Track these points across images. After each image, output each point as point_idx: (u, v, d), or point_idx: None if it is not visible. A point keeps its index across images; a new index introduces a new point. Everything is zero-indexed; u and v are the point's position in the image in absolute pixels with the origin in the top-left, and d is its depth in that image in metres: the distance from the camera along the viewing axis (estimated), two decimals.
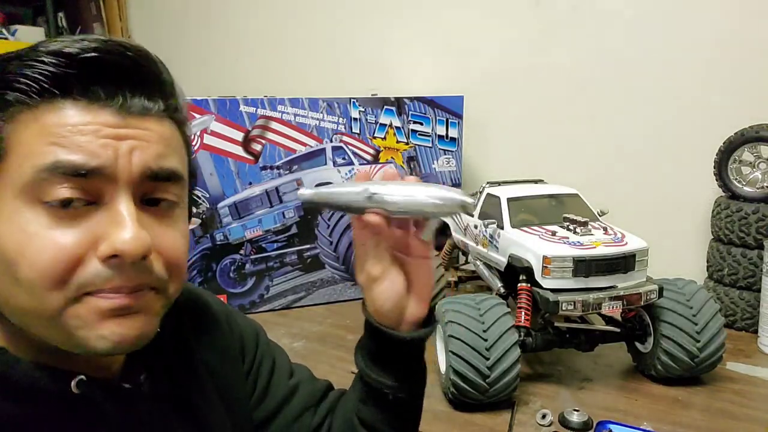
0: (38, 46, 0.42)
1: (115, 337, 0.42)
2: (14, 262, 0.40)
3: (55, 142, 0.40)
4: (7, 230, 0.41)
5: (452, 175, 1.67)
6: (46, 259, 0.40)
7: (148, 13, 2.62)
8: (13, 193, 0.41)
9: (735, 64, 1.41)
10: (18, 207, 0.40)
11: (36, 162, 0.40)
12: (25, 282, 0.40)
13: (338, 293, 1.57)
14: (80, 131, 0.41)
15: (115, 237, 0.41)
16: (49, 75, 0.40)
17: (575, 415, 0.93)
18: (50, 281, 0.40)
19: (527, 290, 1.06)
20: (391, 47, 1.94)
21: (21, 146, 0.41)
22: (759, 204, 1.29)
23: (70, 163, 0.40)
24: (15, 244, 0.40)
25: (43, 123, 0.41)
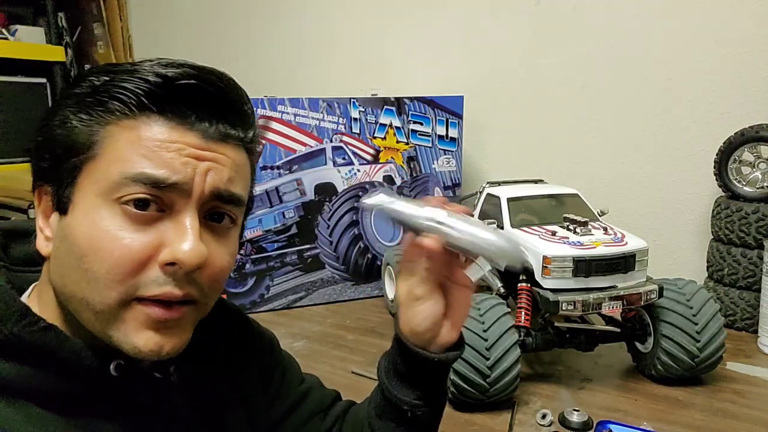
0: (143, 63, 0.46)
1: (150, 347, 0.46)
2: (84, 254, 0.44)
3: (144, 155, 0.45)
4: (82, 223, 0.45)
5: (452, 175, 1.67)
6: (116, 257, 0.44)
7: (148, 13, 2.62)
8: (95, 191, 0.45)
9: (735, 64, 1.41)
10: (97, 204, 0.45)
11: (124, 168, 0.44)
12: (90, 273, 0.45)
13: (338, 293, 1.57)
14: (167, 147, 0.45)
15: (177, 246, 0.45)
16: (148, 93, 0.45)
17: (575, 415, 0.93)
18: (114, 278, 0.45)
19: (527, 290, 1.06)
20: (391, 47, 1.94)
21: (113, 151, 0.45)
22: (759, 204, 1.29)
23: (154, 176, 0.45)
24: (88, 238, 0.45)
25: (137, 134, 0.45)
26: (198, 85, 0.47)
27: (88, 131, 0.45)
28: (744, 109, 1.40)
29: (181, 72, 0.46)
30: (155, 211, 0.46)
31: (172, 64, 0.47)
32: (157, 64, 0.46)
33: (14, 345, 0.44)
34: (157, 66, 0.46)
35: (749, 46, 1.39)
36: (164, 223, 0.46)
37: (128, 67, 0.47)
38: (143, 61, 0.47)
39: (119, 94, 0.45)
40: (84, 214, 0.45)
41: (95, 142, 0.45)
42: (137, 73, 0.46)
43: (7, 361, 0.43)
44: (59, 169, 0.46)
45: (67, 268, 0.46)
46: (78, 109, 0.46)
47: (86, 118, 0.46)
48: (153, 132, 0.45)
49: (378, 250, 1.59)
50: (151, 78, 0.45)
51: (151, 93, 0.45)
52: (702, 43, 1.44)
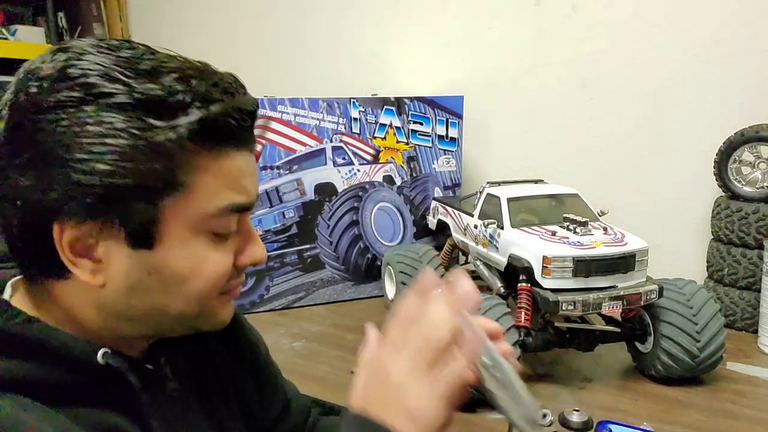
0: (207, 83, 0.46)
1: (226, 317, 0.54)
2: (187, 280, 0.48)
3: (229, 185, 0.48)
4: (180, 255, 0.48)
5: (452, 175, 1.67)
6: (219, 276, 0.50)
7: (148, 13, 2.62)
8: (186, 224, 0.47)
9: (735, 64, 1.41)
10: (189, 236, 0.48)
11: (218, 203, 0.47)
12: (193, 294, 0.49)
13: (338, 293, 1.57)
14: (243, 174, 0.49)
15: (253, 251, 0.52)
16: (233, 130, 0.47)
17: (575, 415, 0.93)
18: (216, 290, 0.50)
19: (527, 290, 1.06)
20: (391, 47, 1.94)
21: (201, 185, 0.47)
22: (759, 204, 1.29)
23: (242, 204, 0.49)
24: (189, 267, 0.48)
25: (219, 166, 0.47)
26: (255, 111, 0.50)
27: (166, 166, 0.44)
28: (744, 109, 1.40)
29: (248, 102, 0.48)
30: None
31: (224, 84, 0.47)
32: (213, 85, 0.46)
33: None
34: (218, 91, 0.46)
35: (749, 46, 1.39)
36: (234, 233, 0.51)
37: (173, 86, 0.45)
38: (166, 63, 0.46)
39: (201, 128, 0.45)
40: (179, 248, 0.47)
41: (179, 178, 0.45)
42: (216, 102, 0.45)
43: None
44: (124, 205, 0.44)
45: (158, 294, 0.48)
46: (143, 141, 0.43)
47: (162, 154, 0.44)
48: (233, 162, 0.48)
49: (378, 250, 1.59)
50: (236, 115, 0.47)
51: (234, 130, 0.47)
52: (702, 43, 1.44)
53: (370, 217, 1.58)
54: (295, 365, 1.15)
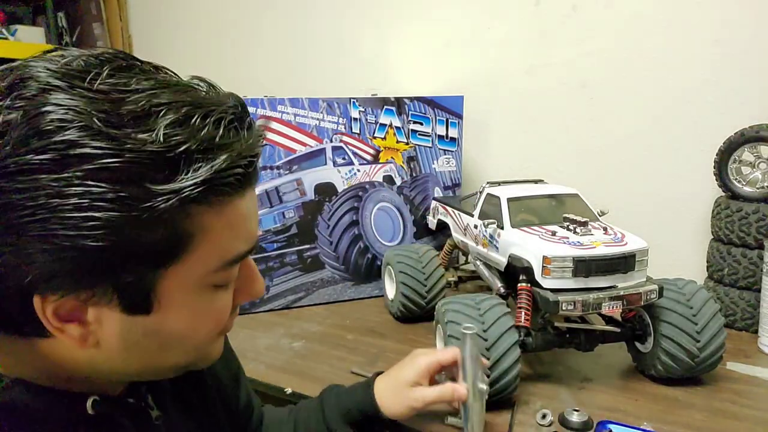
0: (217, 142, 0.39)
1: (218, 353, 0.53)
2: (187, 336, 0.46)
3: (235, 236, 0.44)
4: (179, 315, 0.44)
5: (452, 175, 1.67)
6: (217, 326, 0.48)
7: (148, 13, 2.62)
8: (186, 285, 0.43)
9: (735, 64, 1.41)
10: (190, 295, 0.44)
11: (224, 256, 0.44)
12: (194, 344, 0.47)
13: (338, 293, 1.57)
14: (247, 218, 0.45)
15: (253, 288, 0.51)
16: (240, 179, 0.42)
17: (575, 415, 0.93)
18: (216, 337, 0.50)
19: (527, 290, 1.06)
20: (391, 47, 1.94)
21: (206, 245, 0.42)
22: (759, 204, 1.29)
23: (246, 251, 0.47)
24: (189, 324, 0.45)
25: (227, 220, 0.43)
26: (260, 150, 0.45)
27: (173, 231, 0.39)
28: (744, 109, 1.40)
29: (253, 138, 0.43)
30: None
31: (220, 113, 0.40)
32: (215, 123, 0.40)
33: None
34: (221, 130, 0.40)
35: (749, 46, 1.39)
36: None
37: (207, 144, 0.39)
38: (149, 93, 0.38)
39: (218, 186, 0.40)
40: (178, 309, 0.44)
41: (183, 244, 0.40)
42: (219, 151, 0.39)
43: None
44: (124, 275, 0.39)
45: (156, 351, 0.45)
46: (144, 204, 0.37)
47: (172, 221, 0.39)
48: (236, 211, 0.43)
49: (378, 250, 1.59)
50: (238, 163, 0.41)
51: (239, 177, 0.41)
52: (702, 43, 1.44)
53: (370, 217, 1.58)
54: (295, 365, 1.15)
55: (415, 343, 1.27)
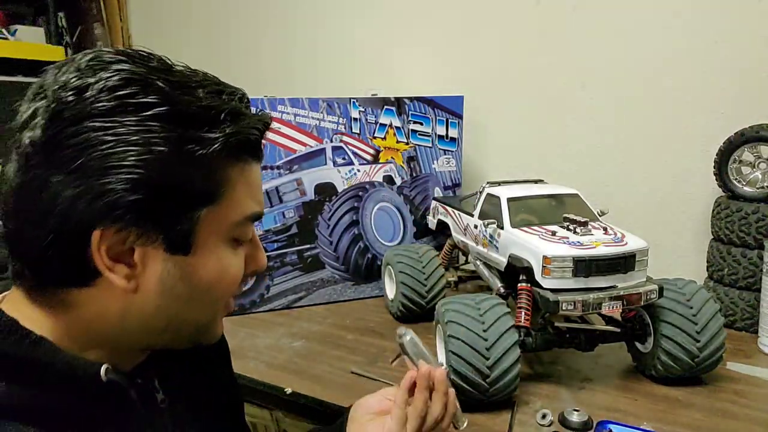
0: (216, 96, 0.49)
1: (221, 330, 0.56)
2: (211, 287, 0.50)
3: (251, 195, 0.52)
4: (210, 262, 0.50)
5: (452, 175, 1.67)
6: (237, 281, 0.53)
7: (148, 13, 2.62)
8: (218, 231, 0.50)
9: (735, 64, 1.41)
10: (218, 244, 0.50)
11: (244, 211, 0.51)
12: (215, 299, 0.52)
13: (338, 293, 1.57)
14: (259, 186, 0.53)
15: (260, 259, 0.56)
16: (257, 143, 0.51)
17: (575, 415, 0.93)
18: (230, 297, 0.54)
19: (527, 290, 1.06)
20: (391, 47, 1.94)
21: (233, 196, 0.50)
22: (759, 204, 1.29)
23: (260, 213, 0.53)
24: (217, 273, 0.50)
25: (246, 177, 0.51)
26: (269, 123, 0.53)
27: (207, 175, 0.48)
28: (744, 109, 1.40)
29: (263, 115, 0.52)
30: None
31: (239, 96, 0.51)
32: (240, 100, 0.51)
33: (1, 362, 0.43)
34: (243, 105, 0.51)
35: (749, 46, 1.39)
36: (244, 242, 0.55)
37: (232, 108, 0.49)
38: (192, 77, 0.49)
39: (246, 139, 0.49)
40: (209, 254, 0.50)
41: (217, 187, 0.49)
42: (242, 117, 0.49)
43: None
44: (168, 212, 0.46)
45: (184, 300, 0.50)
46: (190, 150, 0.45)
47: (206, 163, 0.47)
48: (254, 174, 0.52)
49: (378, 250, 1.59)
50: (259, 126, 0.51)
51: (257, 141, 0.51)
52: (702, 43, 1.44)
53: (370, 217, 1.58)
54: (295, 365, 1.15)
55: None
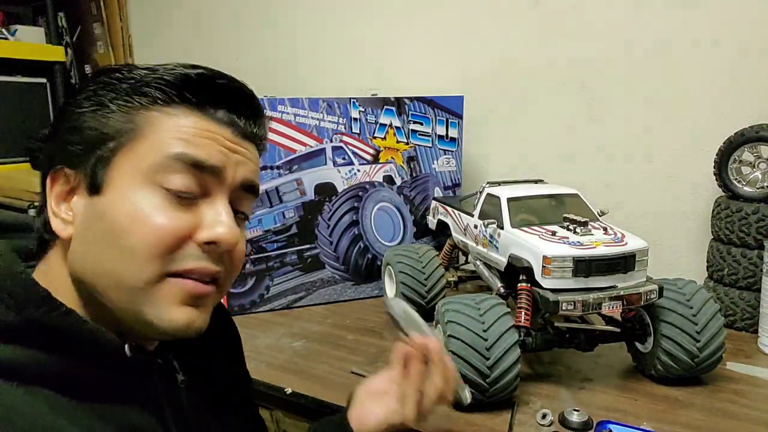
0: (182, 64, 0.51)
1: (182, 322, 0.49)
2: (123, 232, 0.47)
3: (182, 138, 0.49)
4: (122, 201, 0.48)
5: (452, 175, 1.67)
6: (157, 233, 0.47)
7: (148, 13, 2.62)
8: (134, 172, 0.48)
9: (735, 64, 1.41)
10: (136, 184, 0.48)
11: (165, 150, 0.48)
12: (128, 251, 0.47)
13: (338, 293, 1.57)
14: (203, 135, 0.50)
15: (217, 227, 0.49)
16: (189, 86, 0.50)
17: (575, 415, 0.93)
18: (154, 252, 0.47)
19: (527, 290, 1.06)
20: (391, 47, 1.94)
21: (154, 135, 0.49)
22: (759, 204, 1.29)
23: (193, 156, 0.49)
24: (128, 215, 0.47)
25: (176, 122, 0.49)
26: (231, 86, 0.52)
27: (127, 117, 0.49)
28: (744, 109, 1.40)
29: (214, 73, 0.51)
30: (193, 197, 0.50)
31: (201, 66, 0.52)
32: (189, 65, 0.51)
33: (32, 330, 0.45)
34: (190, 67, 0.51)
35: (749, 46, 1.39)
36: (200, 206, 0.50)
37: (170, 65, 0.51)
38: (181, 63, 0.52)
39: (162, 85, 0.49)
40: (123, 193, 0.48)
41: (135, 127, 0.49)
42: (176, 69, 0.50)
43: (24, 347, 0.44)
44: (91, 153, 0.49)
45: (100, 246, 0.48)
46: (115, 96, 0.50)
47: (125, 105, 0.49)
48: (191, 121, 0.50)
49: (378, 250, 1.59)
50: (189, 72, 0.50)
51: (191, 86, 0.50)
52: (702, 43, 1.44)
53: (370, 217, 1.58)
54: (295, 365, 1.15)
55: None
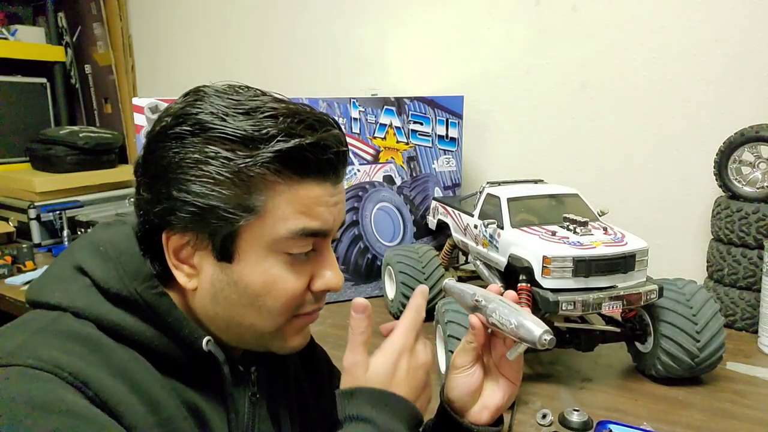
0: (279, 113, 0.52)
1: (298, 345, 0.60)
2: (260, 295, 0.54)
3: (303, 212, 0.53)
4: (255, 271, 0.54)
5: (452, 175, 1.67)
6: (289, 295, 0.55)
7: (148, 13, 2.62)
8: (261, 243, 0.53)
9: (735, 64, 1.41)
10: (264, 255, 0.54)
11: (290, 226, 0.53)
12: (265, 308, 0.55)
13: (338, 293, 1.57)
14: (318, 203, 0.54)
15: (329, 277, 0.58)
16: (304, 158, 0.52)
17: (575, 415, 0.93)
18: (287, 310, 0.56)
19: (527, 290, 1.06)
20: (391, 47, 1.94)
21: (276, 210, 0.53)
22: (759, 204, 1.29)
23: (313, 229, 0.54)
24: (262, 283, 0.54)
25: (296, 194, 0.53)
26: (336, 148, 0.54)
27: (244, 190, 0.52)
28: (744, 109, 1.40)
29: (328, 136, 0.53)
30: (308, 252, 0.56)
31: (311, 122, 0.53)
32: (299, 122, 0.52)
33: (135, 302, 0.52)
34: (307, 127, 0.52)
35: (749, 46, 1.39)
36: (312, 259, 0.57)
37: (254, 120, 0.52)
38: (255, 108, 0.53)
39: (277, 158, 0.52)
40: (254, 265, 0.54)
41: (257, 204, 0.52)
42: (283, 139, 0.51)
43: (128, 313, 0.52)
44: (207, 221, 0.53)
45: (235, 307, 0.55)
46: (228, 169, 0.51)
47: (240, 181, 0.52)
48: (308, 191, 0.54)
49: (378, 250, 1.59)
50: (303, 143, 0.52)
51: (305, 157, 0.52)
52: (702, 43, 1.44)
53: (370, 217, 1.58)
54: None
55: None
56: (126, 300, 0.52)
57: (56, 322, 0.50)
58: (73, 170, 2.18)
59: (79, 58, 2.83)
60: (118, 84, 2.68)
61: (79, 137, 2.21)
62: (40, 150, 2.24)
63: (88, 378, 0.45)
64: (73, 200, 2.12)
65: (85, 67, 2.80)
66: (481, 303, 0.64)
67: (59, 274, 0.54)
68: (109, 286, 0.52)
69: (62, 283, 0.53)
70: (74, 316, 0.51)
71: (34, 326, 0.49)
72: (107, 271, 0.53)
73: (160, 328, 0.53)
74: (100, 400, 0.45)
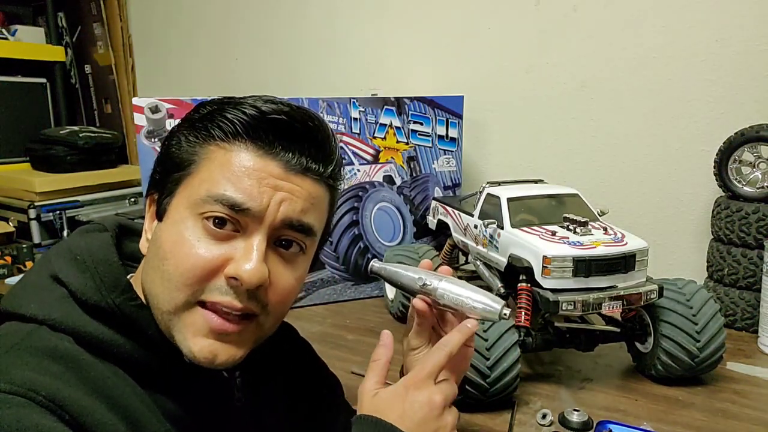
0: (248, 98, 0.54)
1: (204, 354, 0.52)
2: (166, 257, 0.51)
3: (229, 178, 0.51)
4: (170, 230, 0.52)
5: (452, 175, 1.67)
6: (190, 263, 0.51)
7: (148, 13, 2.62)
8: (185, 203, 0.53)
9: (735, 64, 1.41)
10: (185, 216, 0.52)
11: (210, 188, 0.51)
12: (167, 275, 0.51)
13: (338, 293, 1.57)
14: (249, 174, 0.51)
15: (241, 264, 0.50)
16: (243, 122, 0.52)
17: (575, 415, 0.93)
18: (185, 281, 0.51)
19: (527, 290, 1.06)
20: (391, 47, 1.94)
21: (206, 170, 0.52)
22: (759, 204, 1.29)
23: (232, 199, 0.51)
24: (172, 243, 0.52)
25: (228, 158, 0.52)
26: (287, 120, 0.53)
27: (191, 150, 0.54)
28: (744, 109, 1.40)
29: (275, 108, 0.53)
30: (231, 230, 0.52)
31: (271, 101, 0.54)
32: (259, 100, 0.54)
33: (113, 314, 0.51)
34: (259, 101, 0.54)
35: (749, 46, 1.39)
36: (237, 241, 0.52)
37: (237, 100, 0.55)
38: (250, 96, 0.55)
39: (221, 121, 0.53)
40: (173, 223, 0.53)
41: (195, 160, 0.53)
42: (240, 106, 0.53)
43: (106, 326, 0.51)
44: (165, 181, 0.55)
45: (151, 267, 0.53)
46: (188, 131, 0.55)
47: (193, 139, 0.54)
48: (241, 158, 0.52)
49: (378, 250, 1.59)
50: (248, 110, 0.52)
51: (245, 123, 0.52)
52: (702, 43, 1.44)
53: (370, 217, 1.58)
54: None
55: None
56: (104, 312, 0.51)
57: (31, 336, 0.48)
58: (73, 170, 2.18)
59: (79, 58, 2.83)
60: (118, 84, 2.68)
61: (79, 137, 2.21)
62: (40, 150, 2.24)
63: (64, 399, 0.44)
64: (73, 200, 2.12)
65: (85, 67, 2.80)
66: (429, 286, 0.63)
67: (36, 282, 0.53)
68: (87, 297, 0.51)
69: (38, 292, 0.52)
70: (50, 329, 0.49)
71: (7, 343, 0.48)
72: (84, 281, 0.51)
73: (138, 341, 0.52)
74: (78, 423, 0.44)
